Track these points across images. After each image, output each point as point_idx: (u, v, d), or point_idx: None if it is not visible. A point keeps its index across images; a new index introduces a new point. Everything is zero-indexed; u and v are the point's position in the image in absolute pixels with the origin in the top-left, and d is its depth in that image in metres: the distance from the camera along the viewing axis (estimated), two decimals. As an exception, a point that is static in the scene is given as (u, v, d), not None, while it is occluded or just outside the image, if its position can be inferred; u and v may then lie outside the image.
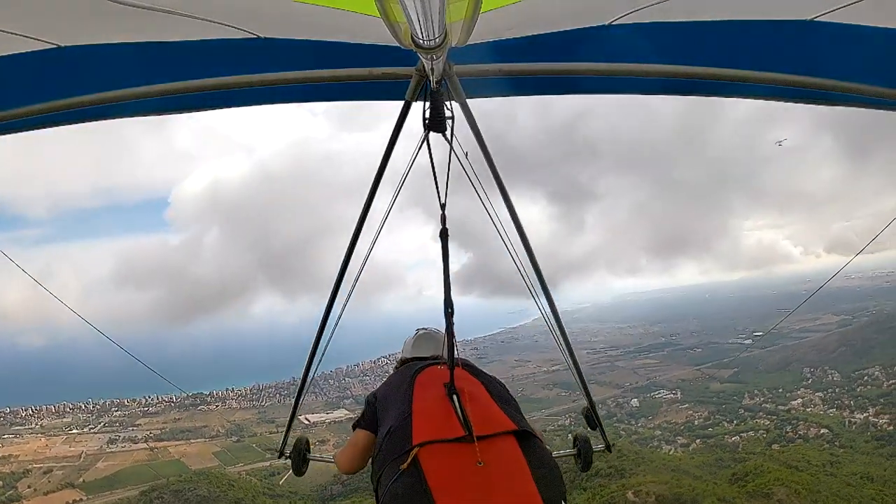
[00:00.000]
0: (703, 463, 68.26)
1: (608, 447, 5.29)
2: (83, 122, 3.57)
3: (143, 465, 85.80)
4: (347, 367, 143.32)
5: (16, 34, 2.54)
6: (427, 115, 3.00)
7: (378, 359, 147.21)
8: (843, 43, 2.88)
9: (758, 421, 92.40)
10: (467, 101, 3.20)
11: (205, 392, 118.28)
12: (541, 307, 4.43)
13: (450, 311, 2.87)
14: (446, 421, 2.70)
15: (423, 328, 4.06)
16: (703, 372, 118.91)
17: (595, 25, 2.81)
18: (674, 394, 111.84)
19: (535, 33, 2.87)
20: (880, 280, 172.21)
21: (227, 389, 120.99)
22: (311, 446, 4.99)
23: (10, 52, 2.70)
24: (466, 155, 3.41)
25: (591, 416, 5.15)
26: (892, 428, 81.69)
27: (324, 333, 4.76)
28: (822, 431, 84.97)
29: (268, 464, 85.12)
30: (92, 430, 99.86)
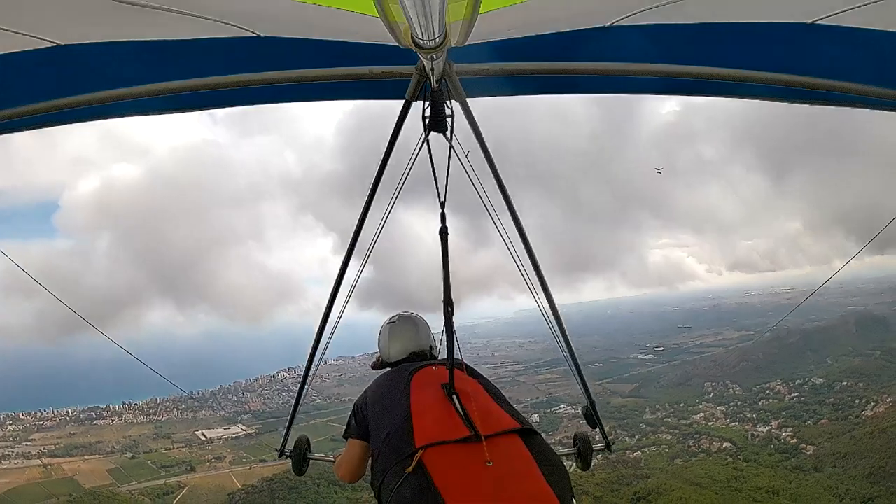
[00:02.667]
0: (604, 480, 66.64)
1: (608, 446, 5.26)
2: (82, 121, 3.54)
3: (36, 484, 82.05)
4: (246, 381, 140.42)
5: (15, 32, 2.52)
6: (427, 114, 3.02)
7: (277, 372, 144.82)
8: (843, 45, 2.90)
9: (660, 436, 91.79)
10: (467, 100, 3.19)
11: (101, 406, 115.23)
12: (541, 306, 4.43)
13: (450, 309, 2.84)
14: (449, 421, 2.67)
15: (394, 316, 4.00)
16: (604, 387, 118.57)
17: (595, 27, 2.82)
18: (574, 409, 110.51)
19: (535, 34, 2.88)
20: (781, 297, 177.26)
21: (123, 404, 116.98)
22: (306, 444, 4.93)
23: (9, 51, 2.67)
24: (467, 154, 3.42)
25: (591, 415, 5.15)
26: (795, 440, 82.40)
27: (324, 334, 4.82)
28: (724, 445, 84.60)
29: (162, 482, 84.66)
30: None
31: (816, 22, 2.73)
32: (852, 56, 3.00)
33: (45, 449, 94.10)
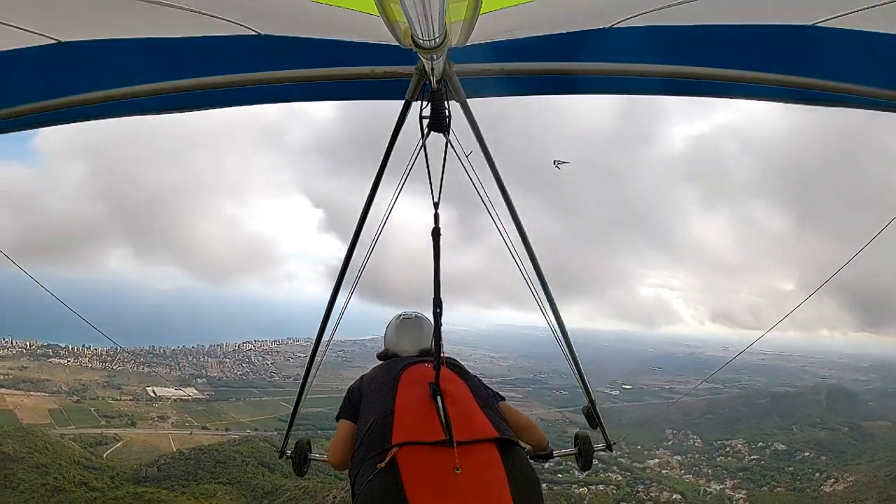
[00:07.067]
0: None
1: (609, 446, 5.21)
2: (82, 120, 3.52)
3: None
4: (210, 345, 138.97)
5: (16, 28, 2.52)
6: (426, 114, 3.02)
7: (243, 343, 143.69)
8: (844, 46, 2.90)
9: (609, 475, 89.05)
10: (467, 100, 3.20)
11: (60, 344, 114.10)
12: (542, 307, 4.41)
13: (438, 310, 2.83)
14: (428, 422, 2.67)
15: (405, 313, 4.01)
16: (564, 415, 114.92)
17: (595, 28, 2.83)
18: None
19: (535, 35, 2.89)
20: (755, 356, 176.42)
21: (83, 346, 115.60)
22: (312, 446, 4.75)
23: (10, 48, 2.68)
24: (468, 155, 3.43)
25: (591, 415, 5.14)
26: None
27: (324, 335, 4.79)
28: (674, 497, 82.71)
29: (99, 431, 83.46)
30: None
31: (817, 24, 2.72)
32: (853, 57, 2.98)
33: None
